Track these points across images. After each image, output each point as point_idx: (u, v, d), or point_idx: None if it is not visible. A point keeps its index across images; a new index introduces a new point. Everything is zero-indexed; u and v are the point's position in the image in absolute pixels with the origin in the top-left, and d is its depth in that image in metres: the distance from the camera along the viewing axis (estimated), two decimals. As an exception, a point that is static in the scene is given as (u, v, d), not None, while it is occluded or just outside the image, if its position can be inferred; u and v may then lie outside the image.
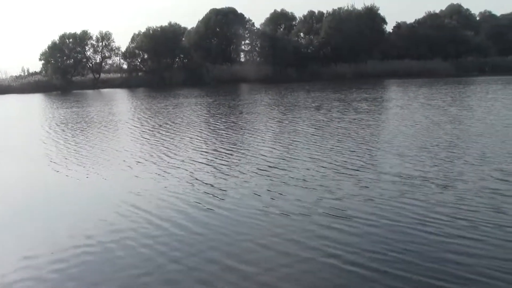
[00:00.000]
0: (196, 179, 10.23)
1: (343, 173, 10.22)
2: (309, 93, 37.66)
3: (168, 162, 12.15)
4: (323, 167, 10.89)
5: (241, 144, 14.53)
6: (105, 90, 60.29)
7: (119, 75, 72.08)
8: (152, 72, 68.03)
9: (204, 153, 13.30)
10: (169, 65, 69.35)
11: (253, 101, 31.72)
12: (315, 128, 17.27)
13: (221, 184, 9.75)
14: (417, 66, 68.89)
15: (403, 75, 64.42)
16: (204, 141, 15.48)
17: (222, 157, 12.54)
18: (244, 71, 67.66)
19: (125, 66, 73.47)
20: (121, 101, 38.54)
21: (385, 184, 9.21)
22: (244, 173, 10.57)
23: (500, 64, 71.09)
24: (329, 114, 21.54)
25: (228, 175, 10.51)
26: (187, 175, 10.61)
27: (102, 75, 73.27)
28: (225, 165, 11.57)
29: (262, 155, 12.62)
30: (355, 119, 19.56)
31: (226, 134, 16.92)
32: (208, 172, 10.82)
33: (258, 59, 72.44)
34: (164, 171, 11.15)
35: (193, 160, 12.24)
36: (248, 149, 13.57)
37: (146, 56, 70.49)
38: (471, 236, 6.49)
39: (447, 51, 71.92)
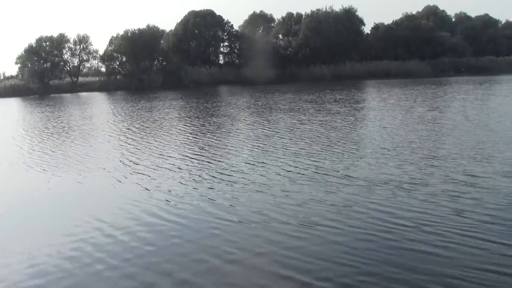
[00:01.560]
0: (156, 185, 10.08)
1: (307, 178, 10.10)
2: (283, 95, 37.74)
3: (129, 168, 12.01)
4: (288, 171, 10.79)
5: (205, 149, 14.39)
6: (83, 94, 59.64)
7: (97, 78, 71.41)
8: (130, 75, 67.54)
9: (166, 158, 13.15)
10: (147, 68, 68.91)
11: (226, 104, 31.68)
12: (282, 131, 17.25)
13: (180, 190, 9.60)
14: (395, 66, 69.73)
15: (382, 76, 64.98)
16: (168, 145, 15.34)
17: (185, 162, 12.37)
18: (223, 73, 67.73)
19: (103, 69, 72.78)
20: (94, 105, 38.05)
21: (350, 189, 9.12)
22: (205, 179, 10.43)
23: (475, 64, 72.49)
24: (298, 117, 21.57)
25: (188, 181, 10.37)
26: (147, 182, 10.45)
27: (80, 79, 72.52)
28: (187, 170, 11.42)
29: (226, 159, 12.52)
30: (323, 121, 19.59)
31: (192, 138, 16.82)
32: (169, 178, 10.69)
33: (237, 61, 72.52)
34: (124, 177, 11.03)
35: (156, 165, 12.10)
36: (212, 154, 13.45)
37: (124, 59, 69.81)
38: (434, 243, 6.40)
39: (424, 52, 72.80)
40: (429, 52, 73.04)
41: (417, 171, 10.29)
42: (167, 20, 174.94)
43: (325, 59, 68.95)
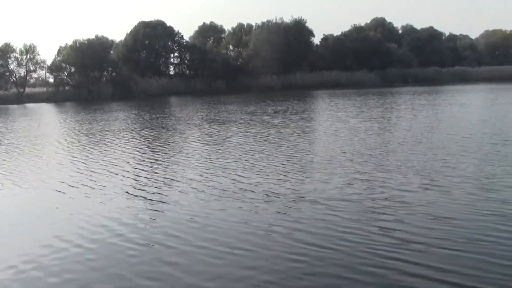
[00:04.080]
0: (74, 206, 9.52)
1: (231, 196, 9.71)
2: (226, 106, 37.73)
3: (48, 186, 11.35)
4: (213, 188, 10.41)
5: (130, 163, 13.84)
6: (30, 105, 57.95)
7: (45, 89, 69.63)
8: (79, 86, 66.28)
9: (89, 174, 12.49)
10: (97, 79, 67.74)
11: (167, 116, 31.22)
12: (212, 145, 16.86)
13: (96, 210, 9.05)
14: (345, 77, 71.20)
15: (332, 86, 66.07)
16: (94, 160, 14.61)
17: (107, 179, 11.79)
18: (173, 84, 67.43)
19: (51, 80, 71.11)
20: (35, 117, 36.64)
21: (273, 207, 8.80)
22: (125, 198, 9.91)
23: (421, 75, 75.13)
24: (232, 129, 21.29)
25: (106, 200, 9.82)
26: (64, 202, 9.89)
27: (27, 90, 70.56)
28: (107, 187, 10.86)
29: (149, 175, 12.01)
30: (257, 133, 19.36)
31: (119, 152, 16.17)
32: (87, 197, 10.10)
33: (187, 71, 72.31)
34: (40, 197, 10.47)
35: (77, 183, 11.45)
36: (137, 169, 12.91)
37: (73, 70, 68.49)
38: (353, 266, 6.10)
39: (373, 63, 74.61)
40: (377, 63, 74.96)
41: (344, 186, 10.06)
42: (117, 30, 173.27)
43: (275, 70, 69.50)
